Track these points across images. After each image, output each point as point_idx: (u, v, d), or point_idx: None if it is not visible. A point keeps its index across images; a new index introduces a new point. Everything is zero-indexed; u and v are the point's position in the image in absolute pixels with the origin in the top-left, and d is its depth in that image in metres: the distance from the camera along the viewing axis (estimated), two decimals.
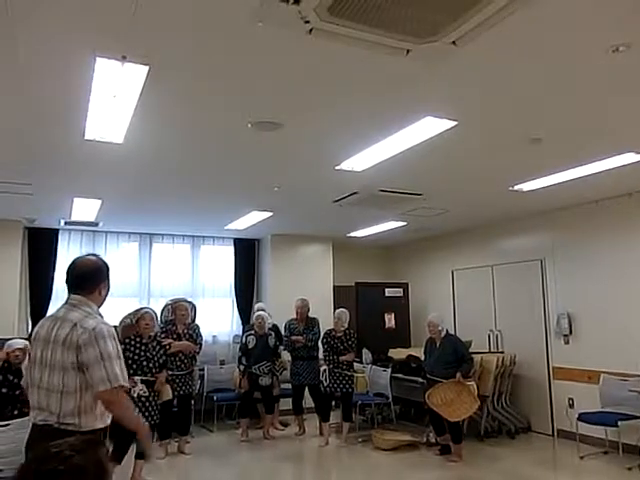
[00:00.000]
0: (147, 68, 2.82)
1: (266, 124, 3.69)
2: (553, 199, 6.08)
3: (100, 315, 2.49)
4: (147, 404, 4.93)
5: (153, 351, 5.12)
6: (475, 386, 5.74)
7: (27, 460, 1.31)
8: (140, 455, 4.91)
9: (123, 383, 2.35)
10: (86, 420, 2.32)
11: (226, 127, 3.79)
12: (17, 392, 5.22)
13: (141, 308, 5.47)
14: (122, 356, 2.42)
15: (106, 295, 2.58)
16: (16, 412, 5.05)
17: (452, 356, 5.69)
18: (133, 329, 5.18)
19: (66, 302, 2.51)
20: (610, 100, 3.39)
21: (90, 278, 2.49)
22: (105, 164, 4.58)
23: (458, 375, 5.54)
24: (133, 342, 5.04)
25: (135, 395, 4.84)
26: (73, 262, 2.59)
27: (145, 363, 5.01)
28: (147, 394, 4.93)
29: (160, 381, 5.09)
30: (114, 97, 3.13)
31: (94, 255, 2.64)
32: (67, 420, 2.29)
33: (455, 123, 3.64)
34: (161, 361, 5.17)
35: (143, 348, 5.05)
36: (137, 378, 4.90)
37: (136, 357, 4.98)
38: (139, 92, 3.08)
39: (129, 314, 5.41)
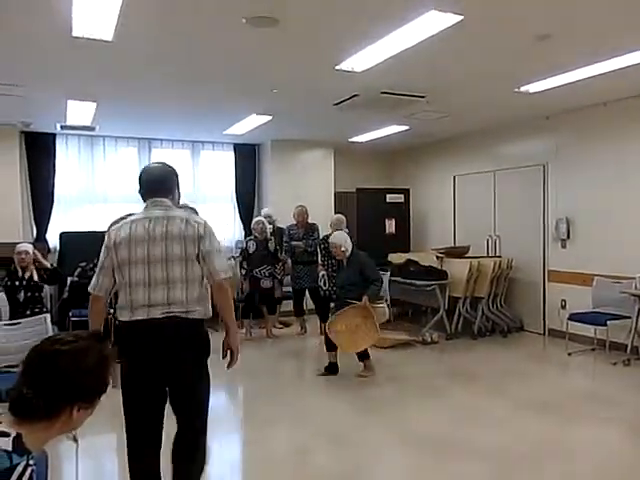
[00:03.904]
0: None
1: (261, 19, 3.51)
2: (560, 101, 5.90)
3: None
4: None
5: None
6: (386, 309, 5.36)
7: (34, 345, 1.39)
8: None
9: (231, 274, 2.56)
10: (207, 307, 2.49)
11: (220, 23, 3.60)
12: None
13: (131, 213, 5.35)
14: None
15: (178, 201, 2.67)
16: (28, 312, 5.28)
17: (358, 276, 5.13)
18: None
19: (153, 204, 2.53)
20: None
21: (170, 182, 2.60)
22: (97, 63, 4.41)
23: (364, 299, 5.02)
24: None
25: None
26: (147, 169, 2.69)
27: None
28: None
29: None
30: None
31: (164, 163, 2.72)
32: (194, 308, 2.43)
33: (461, 18, 3.45)
34: None
35: None
36: None
37: None
38: None
39: (119, 219, 5.39)
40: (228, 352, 2.61)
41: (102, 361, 1.41)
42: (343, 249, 5.20)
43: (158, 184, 2.54)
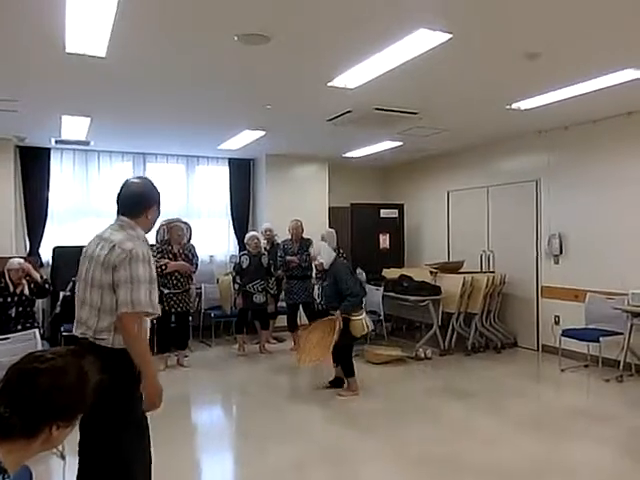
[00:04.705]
0: None
1: (253, 37, 3.54)
2: (551, 118, 5.96)
3: (144, 239, 2.47)
4: None
5: None
6: (364, 322, 5.12)
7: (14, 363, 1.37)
8: None
9: (147, 309, 2.31)
10: (119, 338, 2.32)
11: (211, 40, 3.64)
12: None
13: None
14: (155, 282, 2.40)
15: (154, 219, 2.55)
16: (19, 327, 5.25)
17: (334, 289, 5.12)
18: None
19: (114, 222, 2.50)
20: (611, 14, 3.23)
21: (138, 201, 2.46)
22: (90, 80, 4.44)
23: (337, 313, 5.02)
24: None
25: None
26: (123, 184, 2.56)
27: None
28: None
29: None
30: (91, 7, 2.98)
31: (144, 178, 2.59)
32: (102, 336, 2.33)
33: (450, 36, 3.49)
34: None
35: None
36: None
37: None
38: (117, 1, 2.93)
39: None
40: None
41: (81, 378, 1.39)
42: (316, 262, 5.33)
43: (126, 202, 2.47)
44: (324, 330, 5.15)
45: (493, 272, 7.19)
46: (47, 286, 5.62)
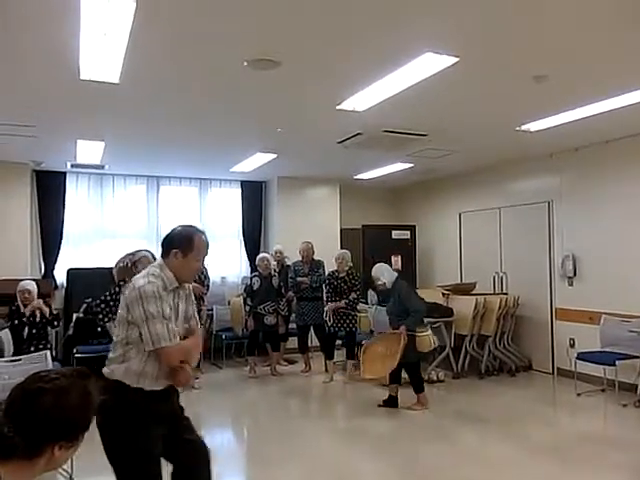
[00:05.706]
0: (134, 4, 2.75)
1: (263, 62, 3.61)
2: (562, 140, 5.95)
3: (166, 277, 2.46)
4: None
5: None
6: (430, 338, 5.39)
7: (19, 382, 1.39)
8: None
9: (164, 344, 2.34)
10: (119, 370, 2.38)
11: (221, 66, 3.71)
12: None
13: (138, 250, 5.19)
14: (167, 315, 2.40)
15: (187, 266, 2.54)
16: (32, 349, 5.28)
17: (398, 307, 5.35)
18: (130, 271, 5.15)
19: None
20: (619, 34, 3.24)
21: (166, 243, 2.58)
22: (104, 105, 4.54)
23: (402, 328, 5.20)
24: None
25: None
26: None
27: None
28: None
29: None
30: (104, 35, 3.07)
31: (188, 225, 2.65)
32: (109, 365, 2.42)
33: (456, 59, 3.52)
34: None
35: None
36: None
37: None
38: (129, 29, 3.02)
39: (126, 256, 5.36)
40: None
41: (85, 399, 1.40)
42: (380, 282, 5.49)
43: (162, 244, 2.59)
44: (387, 346, 5.28)
45: (506, 294, 7.11)
46: (55, 323, 5.65)
